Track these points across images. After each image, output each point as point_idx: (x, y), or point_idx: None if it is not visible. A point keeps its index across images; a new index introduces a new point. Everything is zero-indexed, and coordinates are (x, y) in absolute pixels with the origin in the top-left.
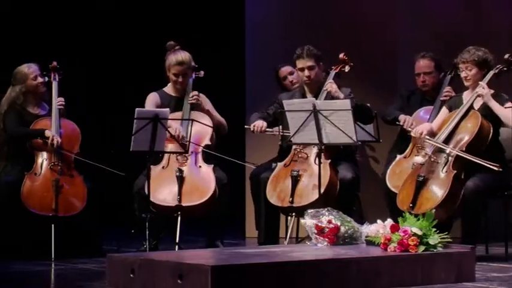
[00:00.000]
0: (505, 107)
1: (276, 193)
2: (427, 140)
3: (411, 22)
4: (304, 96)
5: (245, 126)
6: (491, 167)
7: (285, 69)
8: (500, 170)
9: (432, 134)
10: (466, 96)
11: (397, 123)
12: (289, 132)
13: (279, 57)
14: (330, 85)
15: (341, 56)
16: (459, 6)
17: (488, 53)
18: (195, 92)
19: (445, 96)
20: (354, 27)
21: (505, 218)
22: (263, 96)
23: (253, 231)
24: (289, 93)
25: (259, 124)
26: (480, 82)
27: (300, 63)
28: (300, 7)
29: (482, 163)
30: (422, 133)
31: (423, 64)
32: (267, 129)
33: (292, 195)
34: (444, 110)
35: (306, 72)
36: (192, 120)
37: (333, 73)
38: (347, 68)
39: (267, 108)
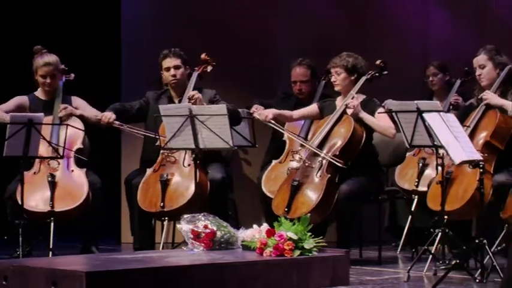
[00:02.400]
0: (378, 112)
1: (147, 198)
2: (271, 124)
3: (289, 24)
4: (170, 99)
5: (96, 117)
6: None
7: None
8: (344, 166)
9: (276, 118)
10: (339, 101)
11: (248, 110)
12: (153, 134)
13: (153, 58)
14: (197, 95)
15: (203, 56)
16: (336, 10)
17: (359, 59)
18: (64, 107)
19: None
20: (230, 28)
21: (379, 221)
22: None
23: (129, 237)
24: (157, 92)
25: (107, 115)
26: (351, 91)
27: (166, 63)
28: (174, 6)
29: (334, 161)
30: (267, 116)
31: (299, 72)
32: (115, 122)
33: (163, 199)
34: (314, 106)
35: (172, 71)
36: (63, 124)
37: (195, 74)
38: (209, 68)
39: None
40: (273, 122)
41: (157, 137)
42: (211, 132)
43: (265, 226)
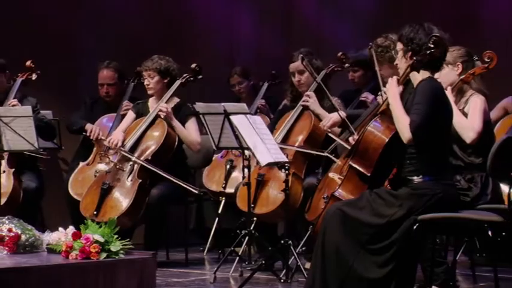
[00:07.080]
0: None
1: None
2: (123, 152)
3: (94, 27)
4: None
5: None
6: (192, 190)
7: None
8: (201, 193)
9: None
10: (152, 103)
11: (84, 133)
12: None
13: None
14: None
15: (28, 63)
16: (143, 12)
17: (171, 62)
18: None
19: (125, 110)
20: (41, 32)
21: (185, 224)
22: None
23: None
24: None
25: None
26: (165, 96)
27: None
28: None
29: (187, 187)
30: (118, 144)
31: (106, 75)
32: None
33: None
34: (131, 113)
35: None
36: None
37: (19, 81)
38: (34, 76)
39: None
40: (122, 149)
41: None
42: (16, 134)
43: (71, 229)
